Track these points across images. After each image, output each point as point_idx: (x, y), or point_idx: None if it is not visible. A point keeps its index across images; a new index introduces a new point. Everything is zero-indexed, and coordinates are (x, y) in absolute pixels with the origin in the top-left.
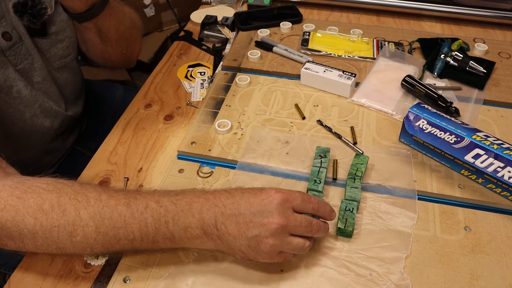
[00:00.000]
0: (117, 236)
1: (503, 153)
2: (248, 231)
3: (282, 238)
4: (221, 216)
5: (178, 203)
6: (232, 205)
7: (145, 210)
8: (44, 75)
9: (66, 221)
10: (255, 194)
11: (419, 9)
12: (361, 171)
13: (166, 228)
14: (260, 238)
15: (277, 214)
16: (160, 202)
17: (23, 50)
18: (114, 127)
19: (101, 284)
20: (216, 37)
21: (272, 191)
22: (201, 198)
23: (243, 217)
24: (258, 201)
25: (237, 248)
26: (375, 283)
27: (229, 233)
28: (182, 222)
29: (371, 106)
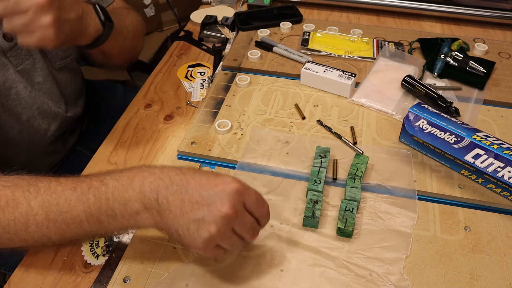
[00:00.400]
0: (65, 220)
1: (503, 153)
2: (191, 212)
3: (224, 230)
4: (164, 190)
5: (120, 179)
6: (181, 181)
7: (89, 190)
8: (45, 76)
9: (20, 213)
10: (209, 176)
11: (419, 9)
12: (361, 171)
13: (107, 205)
14: (202, 224)
15: (228, 204)
16: (103, 180)
17: (24, 50)
18: (114, 127)
19: (101, 284)
20: (216, 37)
21: (229, 179)
22: (146, 172)
23: (189, 196)
24: (211, 185)
25: (174, 228)
26: (375, 284)
27: (170, 209)
28: (122, 196)
29: (371, 106)
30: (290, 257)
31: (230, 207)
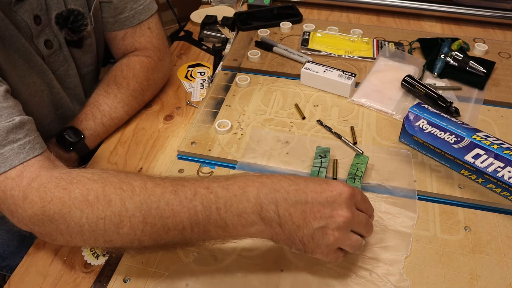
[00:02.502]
0: (165, 226)
1: (503, 153)
2: (314, 221)
3: (345, 233)
4: (284, 202)
5: (229, 187)
6: (296, 192)
7: (194, 197)
8: (76, 82)
9: (112, 212)
10: (321, 184)
11: (419, 9)
12: (361, 171)
13: (218, 215)
14: (326, 230)
15: (346, 208)
16: (210, 188)
17: (61, 57)
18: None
19: (101, 284)
20: (216, 37)
21: (340, 184)
22: (256, 182)
23: (310, 206)
24: (327, 192)
25: (299, 239)
26: (375, 284)
27: (293, 221)
28: (235, 207)
29: (371, 106)
30: (290, 257)
31: (348, 211)
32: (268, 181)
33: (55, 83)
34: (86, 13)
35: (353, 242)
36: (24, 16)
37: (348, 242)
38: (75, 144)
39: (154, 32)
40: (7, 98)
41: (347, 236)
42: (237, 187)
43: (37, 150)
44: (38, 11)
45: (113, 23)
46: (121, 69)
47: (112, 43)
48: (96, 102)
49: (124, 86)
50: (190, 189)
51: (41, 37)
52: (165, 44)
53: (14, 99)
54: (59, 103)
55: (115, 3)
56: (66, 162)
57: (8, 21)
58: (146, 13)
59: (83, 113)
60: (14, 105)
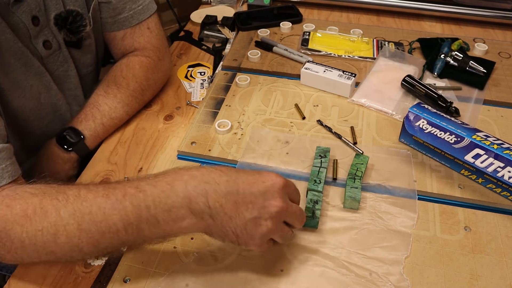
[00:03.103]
0: (99, 230)
1: (503, 153)
2: (247, 211)
3: (278, 223)
4: (214, 194)
5: (157, 184)
6: (228, 183)
7: (124, 198)
8: (75, 83)
9: (49, 223)
10: (253, 175)
11: (419, 9)
12: (361, 171)
13: (148, 213)
14: (259, 220)
15: (279, 198)
16: (139, 187)
17: (60, 57)
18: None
19: (101, 284)
20: (216, 37)
21: (273, 175)
22: (185, 175)
23: (242, 196)
24: (259, 183)
25: (231, 230)
26: (375, 284)
27: (225, 212)
28: (164, 203)
29: (371, 106)
30: (290, 257)
31: (281, 201)
32: (197, 173)
33: (52, 85)
34: (85, 13)
35: (284, 232)
36: (22, 17)
37: (280, 232)
38: (75, 145)
39: (154, 32)
40: None
41: (280, 227)
42: (165, 183)
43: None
44: (36, 11)
45: (112, 24)
46: (120, 69)
47: (111, 44)
48: (96, 103)
49: (124, 86)
50: (120, 191)
51: (40, 37)
52: (165, 44)
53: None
54: (57, 105)
55: (114, 4)
56: (66, 162)
57: (4, 24)
58: (145, 13)
59: (83, 114)
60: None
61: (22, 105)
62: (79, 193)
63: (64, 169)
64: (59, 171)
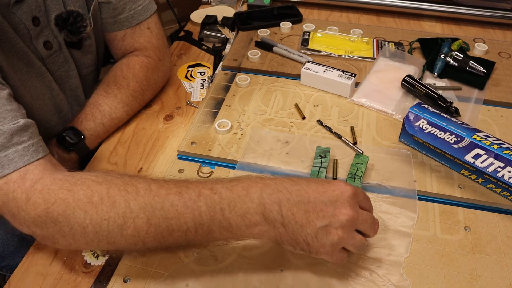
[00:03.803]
0: (169, 227)
1: (503, 153)
2: (318, 220)
3: (349, 232)
4: (286, 202)
5: (233, 188)
6: (299, 192)
7: (198, 198)
8: (76, 83)
9: (116, 214)
10: (323, 184)
11: (419, 9)
12: (361, 171)
13: (222, 216)
14: (329, 229)
15: (349, 206)
16: (214, 189)
17: (61, 58)
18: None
19: (101, 284)
20: (216, 37)
21: (342, 184)
22: (259, 183)
23: (313, 205)
24: (329, 192)
25: (302, 238)
26: (375, 284)
27: (296, 220)
28: (239, 208)
29: (371, 106)
30: (290, 257)
31: (351, 209)
32: (271, 182)
33: (54, 86)
34: (85, 14)
35: (356, 241)
36: (22, 17)
37: (352, 241)
38: (75, 145)
39: (154, 32)
40: (10, 101)
41: (351, 235)
42: (240, 188)
43: (41, 153)
44: (36, 12)
45: (113, 24)
46: (120, 69)
47: (111, 44)
48: (96, 103)
49: (124, 86)
50: (194, 191)
51: (40, 38)
52: (165, 44)
53: (17, 103)
54: (60, 106)
55: (114, 4)
56: (67, 162)
57: (6, 24)
58: (146, 13)
59: (83, 114)
60: (18, 108)
61: (30, 104)
62: (149, 187)
63: None
64: None
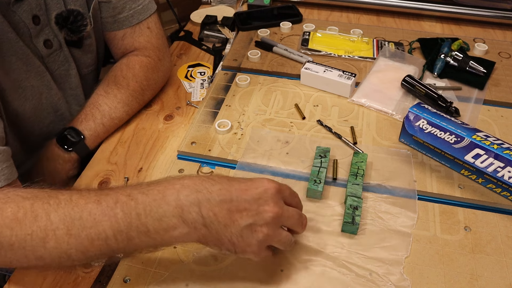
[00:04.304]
0: (89, 236)
1: (503, 153)
2: (242, 219)
3: (275, 229)
4: (207, 203)
5: (149, 192)
6: (220, 191)
7: (115, 205)
8: (76, 82)
9: (38, 227)
10: (245, 182)
11: (419, 9)
12: (362, 169)
13: (139, 221)
14: (254, 227)
15: (273, 203)
16: (131, 194)
17: (61, 57)
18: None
19: (101, 284)
20: (216, 37)
21: (265, 181)
22: (177, 184)
23: (236, 204)
24: (252, 189)
25: (227, 238)
26: (375, 284)
27: (219, 220)
28: (155, 212)
29: (371, 106)
30: (290, 257)
31: (276, 206)
32: (189, 182)
33: (52, 85)
34: (85, 13)
35: (283, 238)
36: (22, 16)
37: (278, 238)
38: (75, 145)
39: (154, 32)
40: None
41: (277, 232)
42: (156, 191)
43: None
44: (37, 11)
45: (112, 23)
46: (120, 69)
47: (111, 43)
48: (96, 103)
49: (124, 86)
50: (112, 198)
51: (41, 37)
52: (165, 43)
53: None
54: (57, 105)
55: (114, 3)
56: (67, 162)
57: (6, 24)
58: (145, 13)
59: (83, 114)
60: None
61: (22, 105)
62: (71, 198)
63: (65, 169)
64: (60, 171)
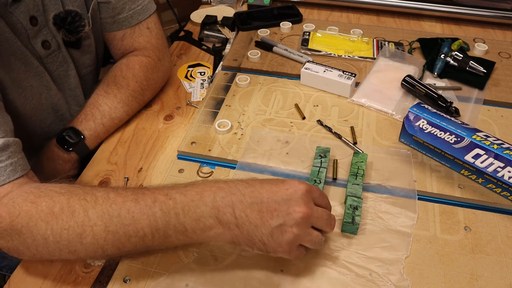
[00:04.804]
0: (127, 233)
1: (503, 153)
2: (272, 219)
3: (305, 229)
4: (240, 204)
5: (187, 193)
6: (252, 193)
7: (154, 204)
8: (75, 83)
9: (75, 223)
10: (276, 184)
11: (419, 9)
12: (362, 169)
13: (177, 220)
14: (284, 227)
15: (303, 204)
16: (169, 194)
17: (59, 58)
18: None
19: (101, 284)
20: (216, 37)
21: (296, 182)
22: (214, 187)
23: (266, 205)
24: (282, 191)
25: (258, 238)
26: (375, 284)
27: (250, 221)
28: (193, 212)
29: (371, 106)
30: None
31: (305, 206)
32: (224, 185)
33: (52, 85)
34: (84, 14)
35: (313, 238)
36: (19, 17)
37: (308, 238)
38: (75, 145)
39: (153, 32)
40: None
41: (307, 232)
42: (194, 193)
43: (19, 172)
44: (34, 12)
45: (112, 24)
46: (120, 69)
47: (111, 44)
48: (96, 103)
49: (124, 86)
50: (150, 197)
51: (38, 37)
52: (165, 43)
53: (3, 118)
54: (57, 105)
55: (114, 4)
56: (67, 163)
57: (3, 24)
58: (145, 13)
59: (83, 114)
60: (1, 124)
61: (23, 105)
62: (108, 195)
63: (65, 169)
64: (60, 171)
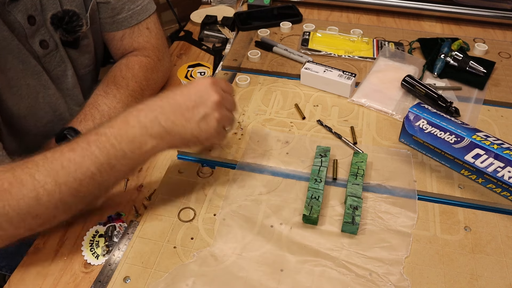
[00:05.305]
0: (76, 179)
1: (503, 153)
2: (194, 115)
3: (223, 112)
4: (162, 115)
5: (114, 125)
6: (169, 102)
7: (89, 145)
8: (73, 83)
9: (27, 189)
10: (186, 86)
11: (419, 9)
12: (362, 169)
13: (114, 149)
14: (207, 117)
15: (214, 92)
16: (98, 133)
17: (57, 57)
18: None
19: (101, 284)
20: (216, 37)
21: (200, 79)
22: (134, 111)
23: (184, 106)
24: (193, 90)
25: (189, 135)
26: (375, 284)
27: (177, 124)
28: (125, 137)
29: (371, 106)
30: (290, 257)
31: (216, 94)
32: (143, 106)
33: (50, 84)
34: (82, 13)
35: (229, 117)
36: (17, 16)
37: (227, 117)
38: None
39: (153, 32)
40: None
41: (225, 113)
42: (120, 122)
43: None
44: (32, 11)
45: (111, 24)
46: (120, 69)
47: (110, 44)
48: (95, 103)
49: (123, 86)
50: (83, 141)
51: (36, 37)
52: (164, 44)
53: None
54: (56, 104)
55: (113, 4)
56: None
57: (1, 22)
58: (144, 13)
59: (82, 114)
60: None
61: (17, 104)
62: (45, 156)
63: None
64: None
